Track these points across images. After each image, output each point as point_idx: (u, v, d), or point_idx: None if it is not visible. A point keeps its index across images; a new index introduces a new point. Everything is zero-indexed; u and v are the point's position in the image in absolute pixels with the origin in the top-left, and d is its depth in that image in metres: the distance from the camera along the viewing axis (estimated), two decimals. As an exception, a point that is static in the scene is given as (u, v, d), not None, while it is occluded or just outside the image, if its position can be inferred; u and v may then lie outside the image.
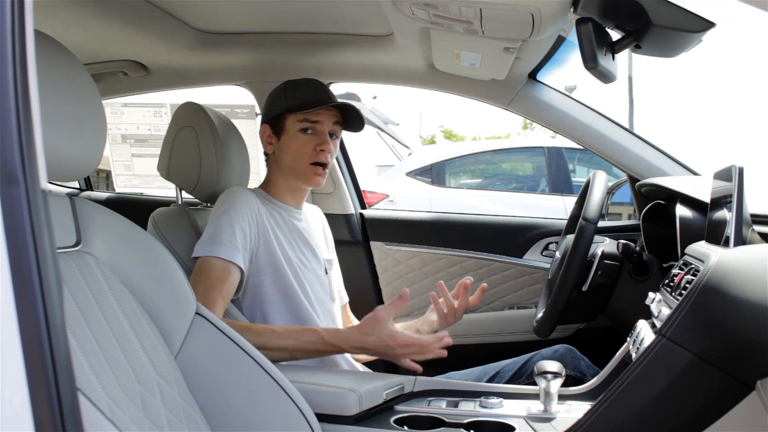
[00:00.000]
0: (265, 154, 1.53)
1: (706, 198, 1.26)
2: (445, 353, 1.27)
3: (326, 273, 1.55)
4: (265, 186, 1.53)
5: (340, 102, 1.47)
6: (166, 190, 2.71)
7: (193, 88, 2.12)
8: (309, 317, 1.42)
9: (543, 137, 10.29)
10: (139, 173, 3.06)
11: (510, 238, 2.09)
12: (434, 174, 5.25)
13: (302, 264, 1.47)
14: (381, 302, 2.14)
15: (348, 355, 1.49)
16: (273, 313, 1.40)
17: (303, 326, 1.37)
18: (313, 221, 1.61)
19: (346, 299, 1.71)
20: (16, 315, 0.46)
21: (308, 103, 1.44)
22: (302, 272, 1.45)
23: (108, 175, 4.28)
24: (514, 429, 1.12)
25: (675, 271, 1.20)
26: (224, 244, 1.31)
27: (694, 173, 1.78)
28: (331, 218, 1.74)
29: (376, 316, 1.26)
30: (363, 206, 2.21)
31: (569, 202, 4.48)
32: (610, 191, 3.14)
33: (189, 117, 1.50)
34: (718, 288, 0.85)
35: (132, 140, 3.04)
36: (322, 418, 1.03)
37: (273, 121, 1.49)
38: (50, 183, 1.87)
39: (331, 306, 1.53)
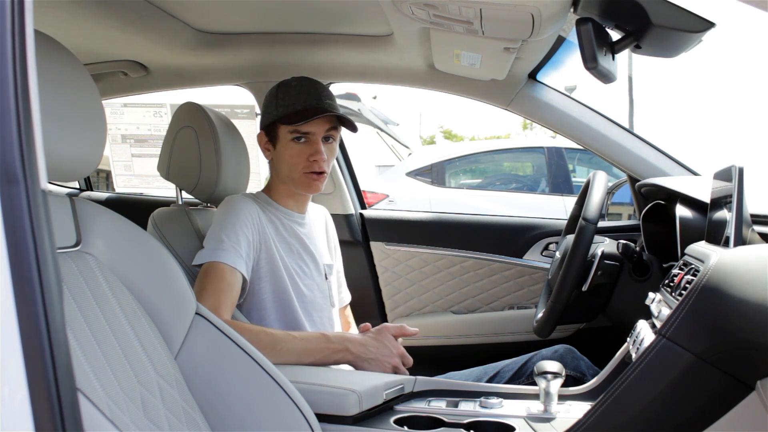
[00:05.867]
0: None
1: (706, 198, 1.26)
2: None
3: (326, 278, 1.55)
4: (268, 190, 1.52)
5: (327, 113, 1.40)
6: (166, 190, 2.71)
7: (193, 88, 2.11)
8: (302, 327, 1.43)
9: (543, 137, 10.29)
10: (139, 173, 3.06)
11: (510, 238, 2.09)
12: (434, 174, 5.26)
13: (301, 271, 1.47)
14: (381, 302, 2.14)
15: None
16: (269, 320, 1.40)
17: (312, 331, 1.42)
18: (316, 225, 1.60)
19: (348, 300, 1.71)
20: (16, 315, 0.46)
21: (297, 112, 1.40)
22: (301, 279, 1.45)
23: (108, 175, 4.28)
24: (514, 429, 1.12)
25: (675, 271, 1.20)
26: (229, 251, 1.31)
27: (694, 173, 1.79)
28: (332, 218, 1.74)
29: (383, 326, 1.38)
30: (363, 206, 2.21)
31: (569, 202, 4.49)
32: (610, 191, 3.14)
33: (189, 117, 1.50)
34: (718, 288, 0.85)
35: (132, 140, 3.04)
36: (322, 418, 1.03)
37: (267, 129, 1.47)
38: (50, 183, 1.87)
39: (330, 312, 1.53)
